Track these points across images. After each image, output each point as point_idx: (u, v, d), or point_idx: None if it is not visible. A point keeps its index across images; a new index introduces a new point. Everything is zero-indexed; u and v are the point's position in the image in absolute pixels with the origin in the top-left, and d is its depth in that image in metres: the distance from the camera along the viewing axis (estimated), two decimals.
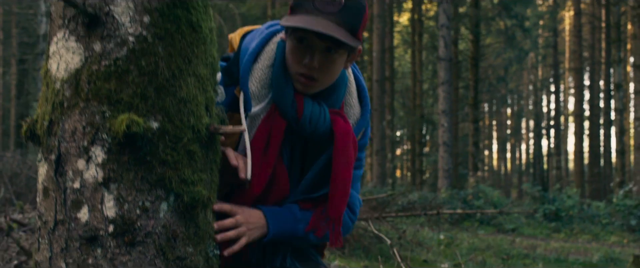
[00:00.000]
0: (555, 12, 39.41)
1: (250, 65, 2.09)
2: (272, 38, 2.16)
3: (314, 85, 2.04)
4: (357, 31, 1.97)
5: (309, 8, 1.93)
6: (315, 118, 2.06)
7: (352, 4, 1.95)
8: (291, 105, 2.05)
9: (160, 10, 1.68)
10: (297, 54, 2.00)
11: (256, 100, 2.08)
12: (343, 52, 2.00)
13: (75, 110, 1.65)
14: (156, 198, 1.66)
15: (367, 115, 2.25)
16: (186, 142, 1.70)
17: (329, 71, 2.02)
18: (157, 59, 1.66)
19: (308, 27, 1.87)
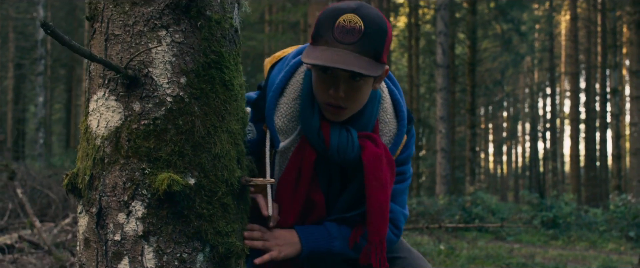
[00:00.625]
0: (552, 17, 39.54)
1: (276, 101, 2.12)
2: (298, 69, 2.18)
3: (343, 113, 2.05)
4: (381, 56, 1.97)
5: (329, 39, 1.94)
6: (343, 147, 2.06)
7: (372, 30, 1.94)
8: (318, 136, 2.07)
9: (196, 71, 1.78)
10: (322, 84, 2.01)
11: (284, 134, 2.11)
12: (368, 78, 2.00)
13: (115, 166, 1.75)
14: (193, 249, 1.76)
15: (403, 130, 2.21)
16: (220, 195, 1.80)
17: (356, 98, 2.02)
18: (193, 117, 1.76)
19: (329, 64, 1.89)
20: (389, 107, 2.22)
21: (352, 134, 2.08)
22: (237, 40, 1.93)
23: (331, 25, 1.94)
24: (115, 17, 1.79)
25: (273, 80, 2.17)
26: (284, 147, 2.11)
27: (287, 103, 2.12)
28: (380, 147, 2.10)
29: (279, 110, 2.12)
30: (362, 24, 1.93)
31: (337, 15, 1.94)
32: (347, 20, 1.93)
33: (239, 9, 1.97)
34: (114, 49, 1.78)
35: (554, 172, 46.63)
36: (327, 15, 1.97)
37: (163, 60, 1.75)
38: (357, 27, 1.92)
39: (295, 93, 2.14)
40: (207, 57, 1.80)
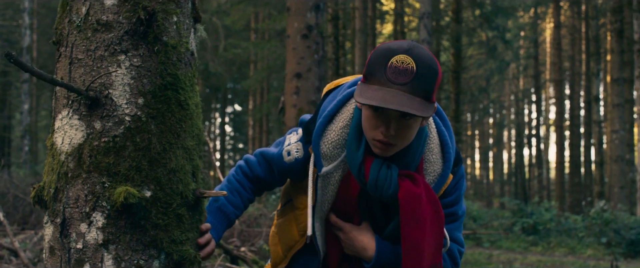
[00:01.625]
0: (536, 24, 39.82)
1: (324, 127, 2.22)
2: (350, 100, 2.26)
3: (391, 149, 2.10)
4: (431, 95, 2.02)
5: (382, 79, 1.99)
6: (380, 183, 2.10)
7: (424, 71, 1.99)
8: (359, 171, 2.12)
9: (152, 93, 1.93)
10: (373, 122, 2.06)
11: (328, 160, 2.20)
12: (418, 117, 2.04)
13: (78, 180, 1.90)
14: (149, 257, 1.91)
15: (448, 171, 2.24)
16: (175, 206, 1.96)
17: (405, 136, 2.07)
18: (150, 135, 1.92)
19: (382, 105, 1.93)
20: (435, 147, 2.25)
21: (392, 171, 2.12)
22: (193, 63, 2.08)
23: (384, 65, 2.00)
24: (78, 42, 1.94)
25: (325, 106, 2.27)
26: (326, 172, 2.20)
27: (335, 131, 2.21)
28: (420, 186, 2.14)
29: (326, 137, 2.21)
30: (414, 65, 1.98)
31: (390, 56, 2.00)
32: (399, 61, 1.99)
33: (195, 33, 2.12)
34: (78, 72, 1.93)
35: (540, 179, 46.89)
36: (380, 55, 2.03)
37: (122, 82, 1.91)
38: (409, 68, 1.97)
39: (344, 122, 2.22)
40: (163, 79, 1.95)
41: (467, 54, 31.36)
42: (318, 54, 9.93)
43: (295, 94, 9.81)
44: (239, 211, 2.37)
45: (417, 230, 2.11)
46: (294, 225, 2.39)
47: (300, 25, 9.84)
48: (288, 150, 2.31)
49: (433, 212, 2.14)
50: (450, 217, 2.31)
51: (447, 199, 2.29)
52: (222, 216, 2.31)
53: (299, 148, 2.27)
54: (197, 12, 2.12)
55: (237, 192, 2.36)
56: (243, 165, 2.41)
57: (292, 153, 2.30)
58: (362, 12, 22.57)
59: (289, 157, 2.30)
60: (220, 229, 2.29)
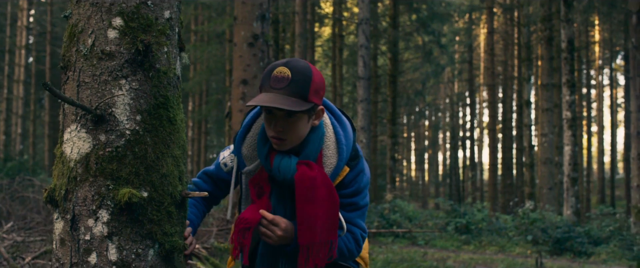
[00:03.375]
0: (471, 29, 40.82)
1: (244, 135, 2.77)
2: (262, 113, 2.73)
3: (283, 143, 2.61)
4: (307, 96, 2.51)
5: (267, 87, 2.53)
6: (283, 168, 2.61)
7: (298, 77, 2.50)
8: (266, 159, 2.66)
9: (148, 111, 2.34)
10: (267, 122, 2.60)
11: (249, 160, 2.74)
12: (301, 115, 2.56)
13: (86, 183, 2.30)
14: (146, 246, 2.32)
15: (341, 164, 2.69)
16: (166, 205, 2.37)
17: (293, 131, 2.58)
18: (146, 146, 2.33)
19: (259, 103, 2.46)
20: (331, 144, 2.72)
21: (292, 159, 2.62)
22: (179, 85, 2.50)
23: (268, 76, 2.54)
24: (85, 68, 2.34)
25: (246, 121, 2.81)
26: (248, 170, 2.73)
27: (251, 136, 2.76)
28: (315, 170, 2.59)
29: (245, 142, 2.76)
30: (290, 73, 2.51)
31: (273, 69, 2.54)
32: (278, 71, 2.52)
33: (180, 60, 2.54)
34: (85, 93, 2.33)
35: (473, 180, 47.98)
36: (267, 70, 2.56)
37: (123, 102, 2.32)
38: (286, 76, 2.50)
39: (257, 129, 2.75)
40: (156, 99, 2.37)
41: (403, 58, 32.02)
42: (263, 61, 10.37)
43: (241, 99, 10.22)
44: (197, 219, 2.87)
45: (309, 206, 2.57)
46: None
47: (246, 33, 10.25)
48: (224, 162, 2.87)
49: (327, 194, 2.59)
50: (351, 206, 2.75)
51: (347, 190, 2.73)
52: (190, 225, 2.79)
53: (233, 158, 2.82)
54: (182, 43, 2.54)
55: (194, 206, 2.88)
56: (192, 188, 2.90)
57: (228, 164, 2.85)
58: (301, 16, 22.97)
59: (227, 168, 2.86)
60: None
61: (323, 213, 2.59)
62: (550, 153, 21.54)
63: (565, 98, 18.24)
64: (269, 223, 2.65)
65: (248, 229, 2.66)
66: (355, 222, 2.79)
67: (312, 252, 2.61)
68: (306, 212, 2.58)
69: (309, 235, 2.59)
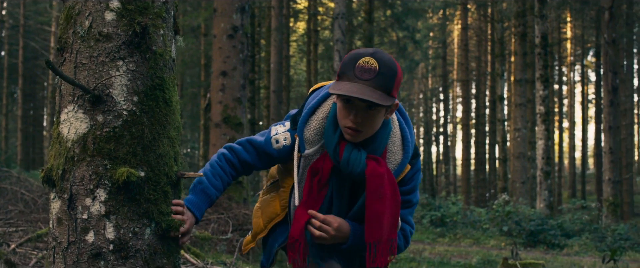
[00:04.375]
0: (445, 25, 41.02)
1: (308, 118, 2.66)
2: (330, 97, 2.70)
3: (359, 135, 2.53)
4: (391, 91, 2.46)
5: (351, 76, 2.45)
6: (352, 161, 2.53)
7: (385, 70, 2.44)
8: (335, 151, 2.56)
9: (145, 92, 2.38)
10: (344, 112, 2.50)
11: (310, 144, 2.64)
12: (380, 108, 2.49)
13: (83, 163, 2.33)
14: (143, 225, 2.36)
15: (406, 161, 2.67)
16: (163, 185, 2.41)
17: (370, 123, 2.51)
18: (143, 126, 2.36)
19: (349, 94, 2.39)
20: (397, 140, 2.68)
21: (362, 153, 2.56)
22: (174, 67, 2.53)
23: (353, 65, 2.46)
24: (82, 50, 2.37)
25: (309, 101, 2.72)
26: (308, 154, 2.63)
27: (316, 120, 2.65)
28: (383, 167, 2.57)
29: (309, 125, 2.65)
30: (377, 65, 2.43)
31: (358, 58, 2.47)
32: (365, 61, 2.44)
33: (176, 43, 2.58)
34: (82, 74, 2.36)
35: (447, 175, 48.28)
36: (350, 57, 2.49)
37: (120, 83, 2.35)
38: (373, 67, 2.43)
39: (323, 114, 2.65)
40: (153, 81, 2.40)
41: None
42: (243, 53, 10.39)
43: (221, 91, 10.23)
44: (219, 193, 2.69)
45: (379, 203, 2.54)
46: (277, 201, 2.83)
47: (226, 25, 10.27)
48: (276, 138, 2.71)
49: (392, 192, 2.57)
50: (406, 203, 2.74)
51: (405, 187, 2.71)
52: (205, 197, 2.62)
53: (287, 136, 2.70)
54: (177, 26, 2.58)
55: (219, 176, 2.68)
56: (226, 153, 2.73)
57: (280, 141, 2.70)
58: (277, 10, 22.99)
59: (278, 145, 2.70)
60: (202, 208, 2.61)
61: (389, 211, 2.58)
62: (523, 147, 21.75)
63: (539, 93, 18.44)
64: (322, 223, 2.62)
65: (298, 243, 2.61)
66: (407, 219, 2.80)
67: (379, 250, 2.59)
68: (376, 209, 2.56)
69: (377, 232, 2.57)
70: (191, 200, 2.59)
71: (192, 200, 2.59)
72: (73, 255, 2.32)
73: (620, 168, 26.70)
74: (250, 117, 21.50)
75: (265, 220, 2.87)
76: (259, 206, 2.96)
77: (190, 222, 2.54)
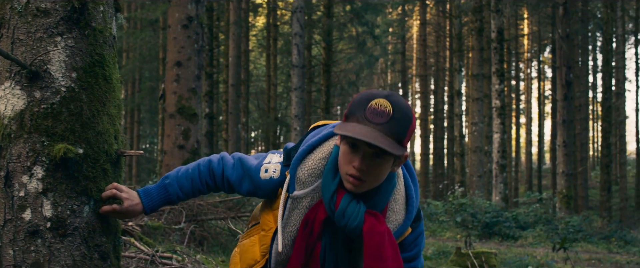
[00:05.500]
0: (404, 21, 41.23)
1: (304, 155, 2.38)
2: (332, 137, 2.42)
3: (361, 185, 2.24)
4: (403, 139, 2.19)
5: (360, 118, 2.17)
6: (348, 213, 2.25)
7: (399, 115, 2.17)
8: (331, 199, 2.28)
9: (84, 68, 2.35)
10: (348, 157, 2.22)
11: (301, 185, 2.35)
12: (389, 158, 2.21)
13: (20, 139, 2.30)
14: (81, 203, 2.33)
15: (408, 223, 2.40)
16: (102, 162, 2.39)
17: (376, 174, 2.23)
18: (81, 103, 2.34)
19: (359, 137, 2.11)
20: (400, 199, 2.41)
21: (361, 206, 2.28)
22: (114, 45, 2.51)
23: (364, 106, 2.19)
24: (20, 25, 2.33)
25: (309, 138, 2.45)
26: (297, 196, 2.36)
27: (313, 160, 2.37)
28: (383, 225, 2.29)
29: (304, 164, 2.37)
30: (391, 109, 2.17)
31: (370, 98, 2.20)
32: (378, 103, 2.18)
33: (116, 21, 2.56)
34: (19, 50, 2.33)
35: None
36: (362, 97, 2.22)
37: (59, 59, 2.32)
38: (387, 111, 2.16)
39: (323, 154, 2.38)
40: (92, 58, 2.38)
41: (337, 48, 32.16)
42: (198, 43, 10.34)
43: (175, 81, 10.17)
44: (183, 195, 2.52)
45: (380, 265, 2.26)
46: (257, 246, 2.52)
47: (181, 15, 10.21)
48: (266, 167, 2.45)
49: (394, 254, 2.29)
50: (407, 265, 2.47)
51: (407, 254, 2.46)
52: (163, 192, 2.48)
53: (277, 169, 2.43)
54: (118, 3, 2.56)
55: (191, 180, 2.51)
56: (214, 162, 2.54)
57: (269, 172, 2.44)
58: (236, 4, 22.92)
59: (265, 175, 2.44)
60: (155, 200, 2.48)
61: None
62: (480, 142, 21.97)
63: (495, 87, 18.64)
64: None
65: None
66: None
67: None
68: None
69: None
70: (147, 189, 2.48)
71: (148, 190, 2.48)
72: (10, 233, 2.29)
73: (575, 162, 27.15)
74: (208, 111, 21.40)
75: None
76: (237, 251, 2.68)
77: (132, 207, 2.42)
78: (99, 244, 2.39)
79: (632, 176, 38.18)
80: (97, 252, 2.38)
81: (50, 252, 2.28)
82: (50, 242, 2.28)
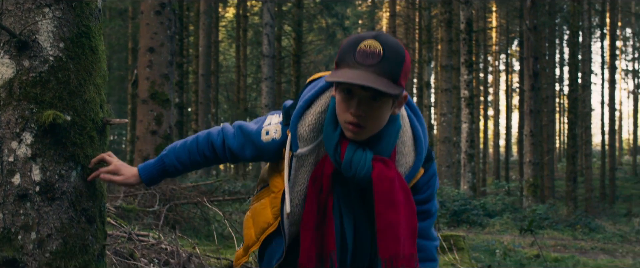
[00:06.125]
0: (374, 13, 41.41)
1: (303, 111, 2.29)
2: (329, 88, 2.33)
3: (362, 131, 2.16)
4: (398, 78, 2.10)
5: (351, 62, 2.08)
6: (355, 163, 2.17)
7: (390, 54, 2.08)
8: (335, 150, 2.20)
9: (71, 39, 2.44)
10: (344, 104, 2.14)
11: (304, 142, 2.27)
12: (387, 99, 2.13)
13: (9, 107, 2.38)
14: (69, 168, 2.42)
15: (419, 164, 2.32)
16: (88, 129, 2.48)
17: (375, 118, 2.14)
18: (69, 72, 2.43)
19: (350, 81, 2.03)
20: (408, 140, 2.31)
21: (367, 154, 2.19)
22: (100, 17, 2.60)
23: (353, 49, 2.10)
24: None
25: (305, 93, 2.35)
26: (301, 154, 2.27)
27: (312, 114, 2.28)
28: (392, 170, 2.21)
29: (304, 120, 2.28)
30: (381, 48, 2.08)
31: (358, 41, 2.11)
32: (367, 45, 2.09)
33: None
34: (8, 21, 2.41)
35: None
36: (350, 42, 2.14)
37: (47, 29, 2.41)
38: (376, 51, 2.07)
39: (321, 108, 2.29)
40: (79, 28, 2.47)
41: (307, 39, 32.24)
42: (170, 30, 10.39)
43: (148, 67, 10.21)
44: (180, 166, 2.49)
45: (392, 211, 2.19)
46: (268, 208, 2.46)
47: (153, 2, 10.25)
48: (267, 129, 2.38)
49: (405, 199, 2.23)
50: (424, 214, 2.40)
51: (421, 196, 2.38)
52: (159, 163, 2.48)
53: (278, 130, 2.35)
54: None
55: (188, 151, 2.48)
56: (213, 134, 2.49)
57: (270, 133, 2.36)
58: None
59: (267, 137, 2.37)
60: (155, 176, 2.48)
61: (405, 221, 2.23)
62: (449, 132, 22.21)
63: (464, 77, 18.86)
64: None
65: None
66: (429, 233, 2.45)
67: (395, 265, 2.22)
68: (389, 218, 2.20)
69: (393, 246, 2.21)
70: (146, 162, 2.50)
71: (146, 163, 2.50)
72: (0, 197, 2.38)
73: (542, 152, 27.53)
74: (178, 101, 21.39)
75: (257, 231, 2.50)
76: (250, 215, 2.61)
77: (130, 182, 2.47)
78: (86, 208, 2.48)
79: (597, 168, 38.80)
80: (84, 215, 2.47)
81: (39, 215, 2.37)
82: (39, 205, 2.37)
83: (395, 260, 2.19)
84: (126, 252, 4.17)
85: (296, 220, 2.35)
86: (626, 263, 9.67)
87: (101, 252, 2.58)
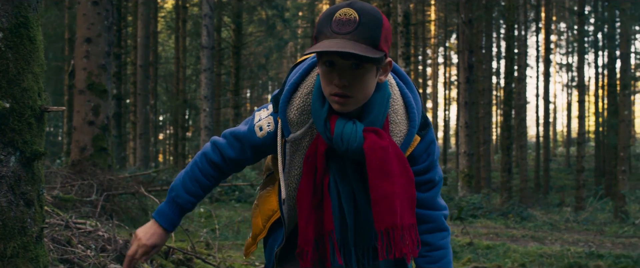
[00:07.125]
0: (314, 5, 41.55)
1: (290, 96, 2.26)
2: (313, 69, 2.30)
3: (348, 102, 2.12)
4: (378, 43, 2.06)
5: (328, 33, 2.06)
6: (346, 136, 2.13)
7: (367, 20, 2.05)
8: (325, 126, 2.16)
9: (10, 29, 2.53)
10: (327, 77, 2.11)
11: (295, 126, 2.25)
12: (370, 66, 2.09)
13: None
14: (8, 153, 2.52)
15: (413, 131, 2.27)
16: (27, 116, 2.57)
17: (360, 86, 2.10)
18: (8, 61, 2.52)
19: (326, 49, 2.00)
20: (399, 108, 2.28)
21: (358, 126, 2.16)
22: (38, 9, 2.69)
23: (329, 20, 2.08)
24: None
25: (290, 78, 2.32)
26: (294, 138, 2.25)
27: (300, 97, 2.25)
28: (386, 140, 2.16)
29: (291, 104, 2.26)
30: (357, 15, 2.05)
31: (334, 12, 2.09)
32: (342, 13, 2.07)
33: None
34: None
35: None
36: (326, 13, 2.12)
37: None
38: (352, 17, 2.05)
39: (308, 89, 2.26)
40: (17, 19, 2.56)
41: (247, 31, 32.23)
42: (108, 20, 10.39)
43: (85, 57, 10.19)
44: (194, 198, 2.44)
45: (386, 182, 2.15)
46: (273, 196, 2.48)
47: None
48: (259, 125, 2.35)
49: (401, 168, 2.18)
50: (428, 184, 2.36)
51: (422, 165, 2.33)
52: (174, 206, 2.42)
53: (271, 122, 2.33)
54: None
55: (197, 181, 2.42)
56: (209, 152, 2.44)
57: (264, 128, 2.33)
58: None
59: (262, 132, 2.34)
60: (175, 219, 2.42)
61: (401, 191, 2.18)
62: None
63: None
64: None
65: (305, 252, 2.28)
66: (435, 203, 2.38)
67: (394, 239, 2.18)
68: (383, 189, 2.15)
69: (389, 217, 2.16)
70: (160, 210, 2.43)
71: (160, 211, 2.43)
72: None
73: (478, 143, 28.10)
74: (116, 92, 21.23)
75: (264, 219, 2.52)
76: (257, 203, 2.62)
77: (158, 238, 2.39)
78: (25, 192, 2.58)
79: (532, 159, 39.70)
80: (23, 199, 2.57)
81: None
82: None
83: (392, 231, 2.16)
84: (63, 239, 4.25)
85: (294, 205, 2.35)
86: (554, 249, 10.04)
87: (39, 235, 2.68)
